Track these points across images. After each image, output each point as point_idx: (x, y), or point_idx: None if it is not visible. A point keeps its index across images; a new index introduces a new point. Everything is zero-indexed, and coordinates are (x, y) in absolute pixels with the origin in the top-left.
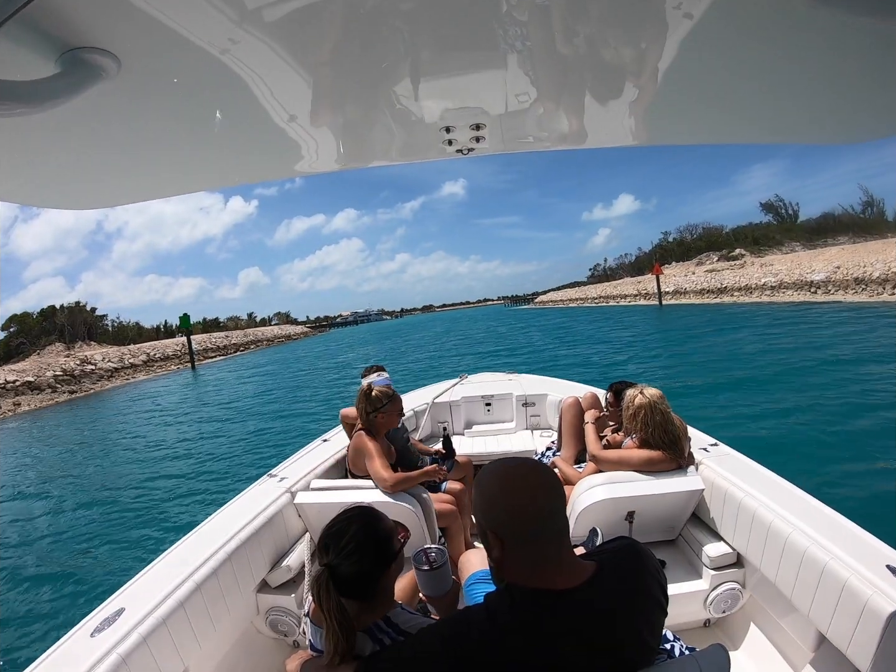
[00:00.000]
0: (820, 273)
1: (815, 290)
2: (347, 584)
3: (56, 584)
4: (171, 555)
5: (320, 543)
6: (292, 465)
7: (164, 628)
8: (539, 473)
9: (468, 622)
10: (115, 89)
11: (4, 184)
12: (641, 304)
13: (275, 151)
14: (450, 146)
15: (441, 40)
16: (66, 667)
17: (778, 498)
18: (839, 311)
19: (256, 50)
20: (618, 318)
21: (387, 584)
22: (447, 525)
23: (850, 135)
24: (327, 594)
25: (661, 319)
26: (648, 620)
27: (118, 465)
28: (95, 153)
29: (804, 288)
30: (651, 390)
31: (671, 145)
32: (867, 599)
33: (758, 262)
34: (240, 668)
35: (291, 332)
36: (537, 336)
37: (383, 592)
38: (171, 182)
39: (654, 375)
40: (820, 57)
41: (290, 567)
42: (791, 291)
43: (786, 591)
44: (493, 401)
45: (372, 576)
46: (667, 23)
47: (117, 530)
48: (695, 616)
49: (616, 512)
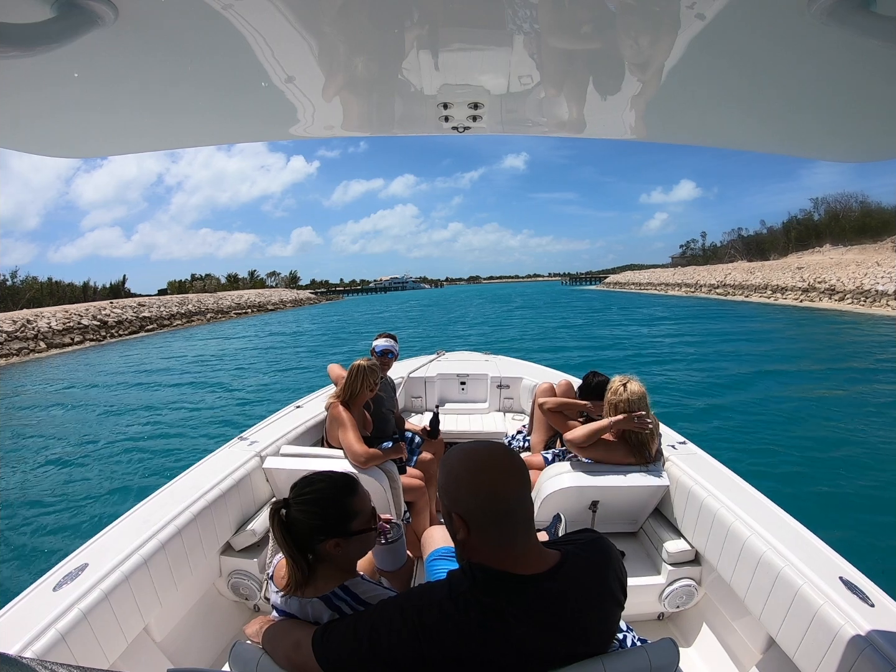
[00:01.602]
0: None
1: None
2: (290, 527)
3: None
4: (137, 512)
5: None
6: (264, 429)
7: (126, 585)
8: (506, 458)
9: (430, 597)
10: (110, 37)
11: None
12: (815, 305)
13: (270, 112)
14: (446, 122)
15: (450, 14)
16: (28, 621)
17: (740, 501)
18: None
19: (260, 7)
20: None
21: (329, 554)
22: (414, 500)
23: (854, 153)
24: (274, 523)
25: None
26: (606, 614)
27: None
28: (86, 102)
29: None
30: (634, 386)
31: (672, 143)
32: (818, 608)
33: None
34: (200, 628)
35: (283, 297)
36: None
37: (324, 560)
38: (161, 136)
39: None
40: (829, 74)
41: (254, 531)
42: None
43: (740, 593)
44: (468, 380)
45: (312, 534)
46: (678, 21)
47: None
48: (649, 609)
49: (581, 500)
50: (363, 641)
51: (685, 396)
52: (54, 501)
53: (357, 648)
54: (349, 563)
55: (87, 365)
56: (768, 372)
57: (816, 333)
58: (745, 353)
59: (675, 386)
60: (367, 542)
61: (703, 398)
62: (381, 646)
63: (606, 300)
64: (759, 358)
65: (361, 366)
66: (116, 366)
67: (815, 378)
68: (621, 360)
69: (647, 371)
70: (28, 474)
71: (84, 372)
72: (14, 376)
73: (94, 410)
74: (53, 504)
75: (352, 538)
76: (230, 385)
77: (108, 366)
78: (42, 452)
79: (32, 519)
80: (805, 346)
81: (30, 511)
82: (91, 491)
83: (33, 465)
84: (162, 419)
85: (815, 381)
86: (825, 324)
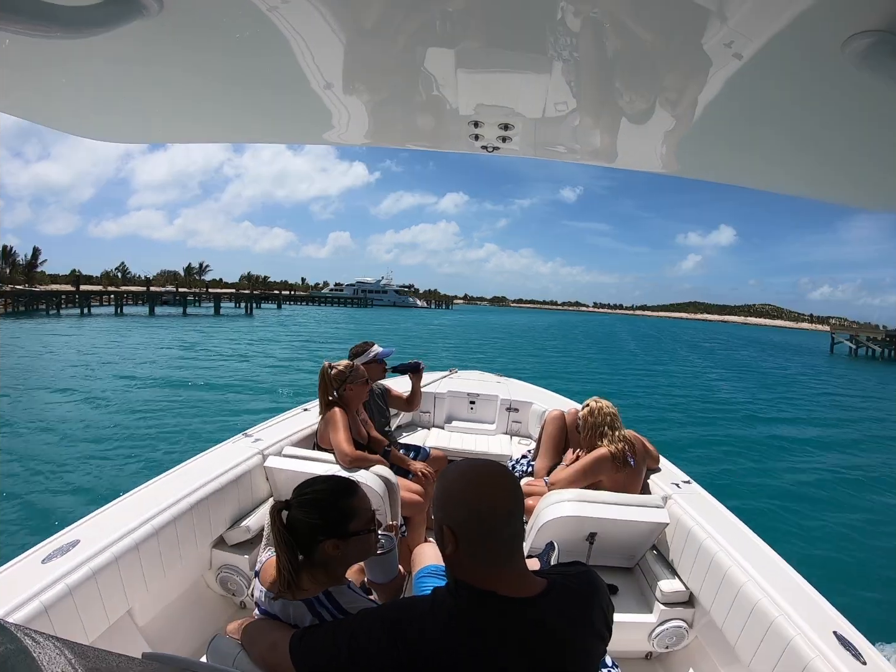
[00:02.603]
0: None
1: None
2: (290, 527)
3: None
4: (134, 496)
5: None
6: (269, 428)
7: (114, 565)
8: (502, 476)
9: (411, 610)
10: (153, 29)
11: (31, 103)
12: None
13: (306, 116)
14: (476, 140)
15: (490, 36)
16: (13, 589)
17: (739, 546)
18: None
19: (305, 12)
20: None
21: (328, 555)
22: (411, 515)
23: (889, 203)
24: (274, 523)
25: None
26: (588, 647)
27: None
28: (125, 88)
29: None
30: (603, 402)
31: (703, 180)
32: (808, 662)
33: None
34: (183, 618)
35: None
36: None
37: (322, 561)
38: (193, 129)
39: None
40: (864, 120)
41: (249, 528)
42: None
43: (731, 639)
44: (477, 400)
45: (311, 535)
46: (715, 59)
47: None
48: (638, 647)
49: (578, 531)
50: (342, 648)
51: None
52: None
53: (335, 655)
54: (344, 566)
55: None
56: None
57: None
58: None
59: None
60: (366, 545)
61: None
62: (359, 654)
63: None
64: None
65: (323, 367)
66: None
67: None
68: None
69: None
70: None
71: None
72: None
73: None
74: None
75: (350, 539)
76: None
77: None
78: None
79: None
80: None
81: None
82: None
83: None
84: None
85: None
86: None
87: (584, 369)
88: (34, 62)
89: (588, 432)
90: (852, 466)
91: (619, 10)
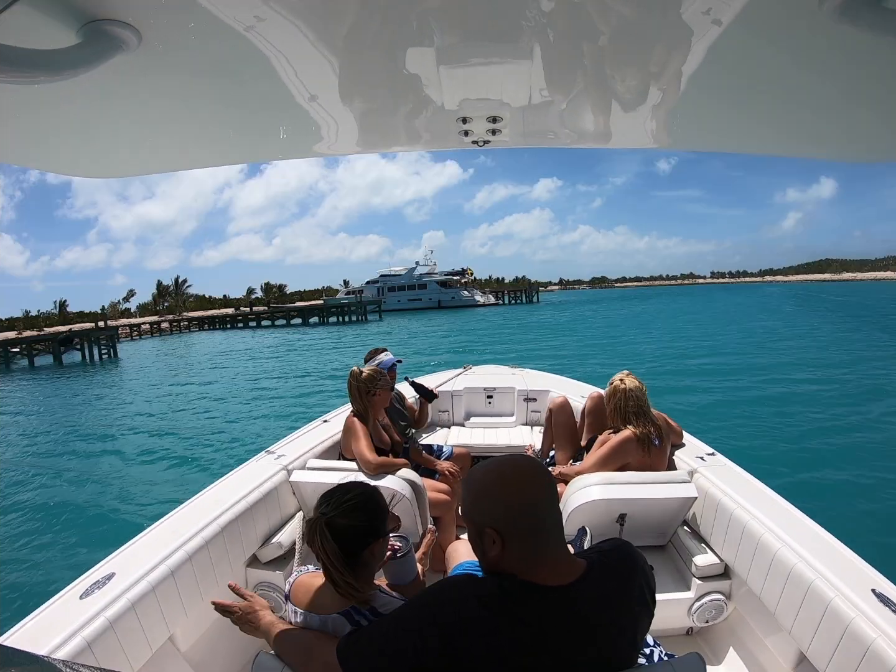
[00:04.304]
0: None
1: None
2: (336, 538)
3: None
4: (165, 524)
5: (318, 501)
6: (291, 443)
7: (152, 595)
8: (531, 466)
9: (451, 594)
10: (134, 62)
11: (22, 149)
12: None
13: (293, 131)
14: (466, 136)
15: (467, 29)
16: (54, 628)
17: (770, 513)
18: None
19: (281, 27)
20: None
21: (369, 559)
22: (440, 515)
23: (871, 153)
24: (323, 536)
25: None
26: (633, 623)
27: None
28: (114, 123)
29: None
30: (631, 380)
31: (694, 151)
32: (850, 622)
33: None
34: (225, 639)
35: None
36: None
37: (364, 567)
38: (185, 156)
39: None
40: (844, 73)
41: (281, 544)
42: None
43: (770, 607)
44: (494, 393)
45: (362, 539)
46: (695, 28)
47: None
48: (678, 623)
49: (608, 513)
50: (387, 648)
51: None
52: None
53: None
54: (376, 569)
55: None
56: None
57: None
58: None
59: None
60: (386, 545)
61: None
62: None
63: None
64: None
65: (353, 372)
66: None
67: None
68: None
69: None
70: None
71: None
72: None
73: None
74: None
75: (384, 539)
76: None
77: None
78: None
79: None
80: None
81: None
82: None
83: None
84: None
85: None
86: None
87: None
88: (18, 107)
89: (614, 413)
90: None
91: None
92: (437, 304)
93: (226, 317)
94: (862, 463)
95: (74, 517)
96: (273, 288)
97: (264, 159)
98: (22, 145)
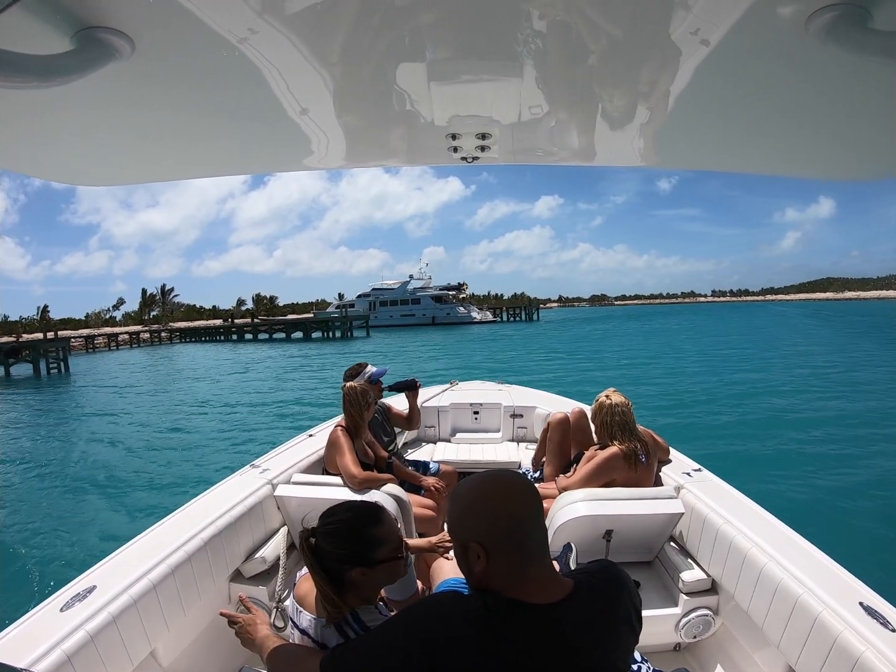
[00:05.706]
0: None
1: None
2: (318, 557)
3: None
4: (147, 537)
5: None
6: (275, 457)
7: (133, 609)
8: (517, 481)
9: (438, 610)
10: (127, 71)
11: (13, 154)
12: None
13: (284, 145)
14: (455, 153)
15: (458, 47)
16: (34, 641)
17: (756, 528)
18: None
19: (274, 40)
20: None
21: (355, 581)
22: (426, 531)
23: (858, 173)
24: (307, 554)
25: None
26: (619, 644)
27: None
28: (103, 131)
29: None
30: (617, 396)
31: (683, 169)
32: (838, 636)
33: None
34: (207, 654)
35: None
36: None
37: (351, 586)
38: (174, 167)
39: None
40: (831, 93)
41: (265, 559)
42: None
43: (758, 621)
44: (481, 409)
45: (339, 564)
46: (683, 48)
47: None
48: (665, 639)
49: (594, 530)
50: (372, 666)
51: None
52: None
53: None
54: (374, 591)
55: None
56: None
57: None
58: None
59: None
60: (395, 571)
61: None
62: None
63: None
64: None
65: (351, 387)
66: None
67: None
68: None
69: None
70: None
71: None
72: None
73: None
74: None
75: (377, 567)
76: None
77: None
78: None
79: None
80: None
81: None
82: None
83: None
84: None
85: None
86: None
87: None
88: (10, 112)
89: (601, 429)
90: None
91: (585, 8)
92: (430, 320)
93: (208, 328)
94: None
95: (55, 528)
96: (264, 299)
97: (253, 171)
98: (13, 150)
